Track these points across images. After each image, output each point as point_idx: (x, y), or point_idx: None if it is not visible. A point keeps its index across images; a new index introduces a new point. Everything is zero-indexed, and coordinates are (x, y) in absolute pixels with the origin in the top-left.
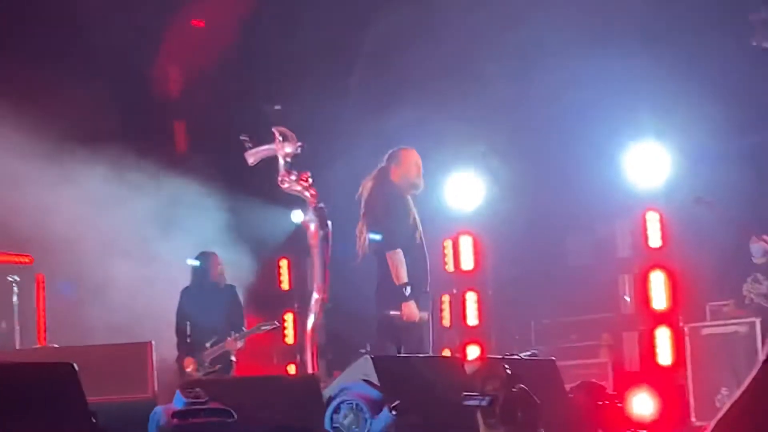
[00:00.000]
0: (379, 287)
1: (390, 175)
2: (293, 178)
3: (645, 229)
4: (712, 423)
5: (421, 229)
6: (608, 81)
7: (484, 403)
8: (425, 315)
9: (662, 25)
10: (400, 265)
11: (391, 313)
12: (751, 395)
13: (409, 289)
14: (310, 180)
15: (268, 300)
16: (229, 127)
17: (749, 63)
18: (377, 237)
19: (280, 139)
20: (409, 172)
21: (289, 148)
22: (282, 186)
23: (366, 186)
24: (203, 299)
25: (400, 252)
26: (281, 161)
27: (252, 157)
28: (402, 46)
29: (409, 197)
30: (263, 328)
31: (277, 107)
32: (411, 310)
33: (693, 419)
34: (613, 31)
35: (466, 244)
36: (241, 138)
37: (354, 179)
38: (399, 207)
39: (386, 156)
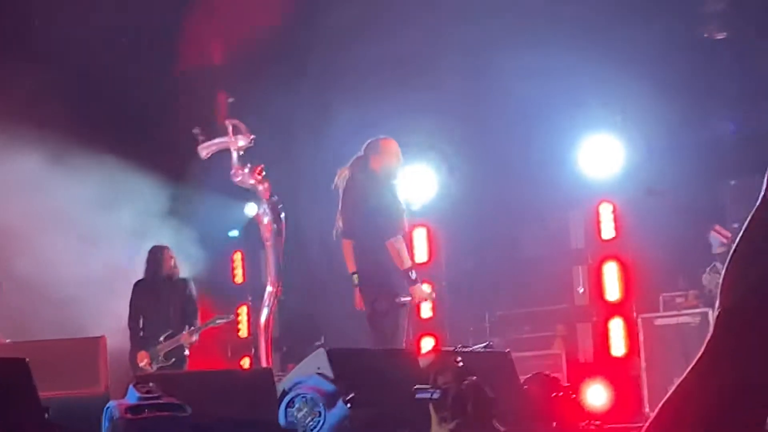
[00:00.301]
0: (373, 277)
1: (370, 164)
2: (246, 171)
3: (598, 220)
4: (657, 408)
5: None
6: (561, 73)
7: (435, 396)
8: (433, 292)
9: (614, 17)
10: (402, 251)
11: (402, 299)
12: (697, 376)
13: (414, 273)
14: (264, 173)
15: (222, 293)
16: (181, 120)
17: (701, 54)
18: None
19: (233, 132)
20: (390, 161)
21: (242, 142)
22: (235, 179)
23: (342, 175)
24: (156, 293)
25: (400, 238)
26: (234, 154)
27: (204, 150)
28: (356, 40)
29: (395, 185)
30: (218, 321)
31: (231, 100)
32: (421, 291)
33: (646, 410)
34: (565, 24)
35: (420, 236)
36: (193, 131)
37: (308, 172)
38: (389, 195)
39: (365, 145)
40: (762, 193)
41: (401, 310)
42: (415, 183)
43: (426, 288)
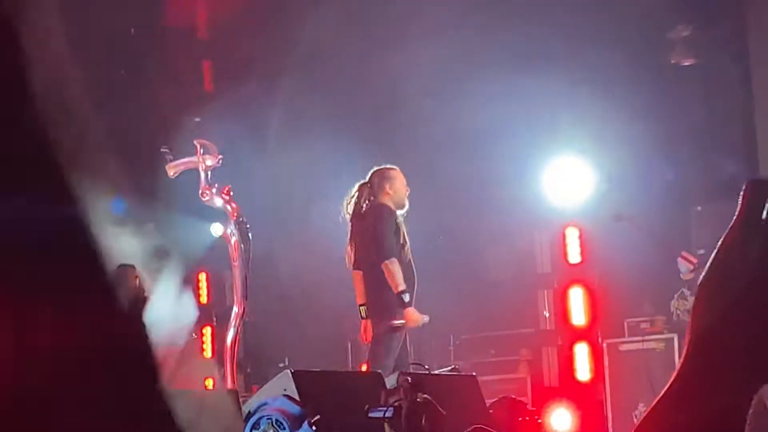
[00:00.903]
0: (373, 303)
1: (379, 192)
2: (214, 191)
3: (565, 244)
4: None
5: (409, 247)
6: (529, 97)
7: (387, 414)
8: (426, 318)
9: (583, 42)
10: (396, 273)
11: (395, 323)
12: (668, 403)
13: (407, 295)
14: (232, 193)
15: None
16: (149, 139)
17: (668, 81)
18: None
19: (201, 151)
20: (399, 191)
21: (210, 161)
22: (203, 199)
23: (349, 203)
24: None
25: (395, 261)
26: (202, 174)
27: (172, 169)
28: (322, 59)
29: (399, 216)
30: None
31: (197, 119)
32: (414, 315)
33: None
34: (534, 48)
35: None
36: (162, 150)
37: (276, 193)
38: (389, 221)
39: (372, 174)
40: (734, 218)
41: (395, 333)
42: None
43: (418, 314)
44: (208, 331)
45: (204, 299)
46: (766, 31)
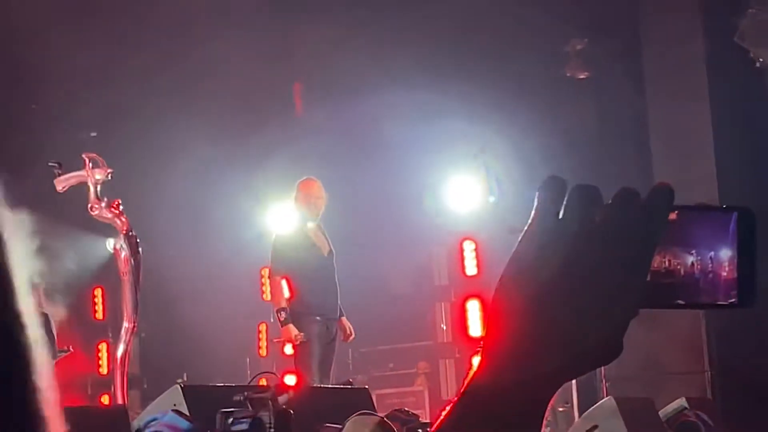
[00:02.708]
0: None
1: (294, 204)
2: (103, 205)
3: (462, 257)
4: None
5: (326, 255)
6: (426, 112)
7: (244, 426)
8: (300, 335)
9: (477, 55)
10: (277, 290)
11: (275, 340)
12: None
13: (282, 313)
14: (121, 207)
15: (82, 329)
16: (40, 153)
17: (562, 93)
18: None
19: (90, 165)
20: (305, 201)
21: (99, 175)
22: (92, 213)
23: None
24: None
25: (277, 278)
26: (91, 188)
27: (61, 184)
28: (218, 75)
29: (312, 226)
30: (58, 354)
31: (93, 134)
32: (288, 332)
33: None
34: (430, 63)
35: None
36: (50, 164)
37: (170, 206)
38: (277, 241)
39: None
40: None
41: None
42: (279, 218)
43: (293, 329)
44: (104, 347)
45: (100, 315)
46: (659, 45)
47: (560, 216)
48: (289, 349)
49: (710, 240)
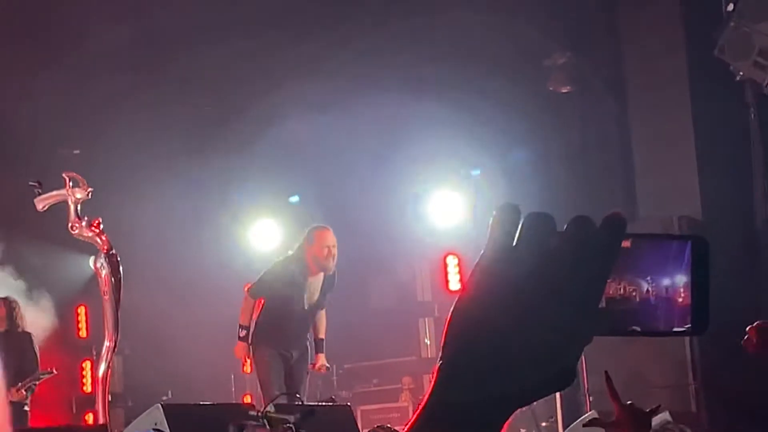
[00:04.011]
0: None
1: (304, 252)
2: (84, 224)
3: (445, 272)
4: None
5: (306, 306)
6: (410, 126)
7: None
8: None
9: (460, 69)
10: (244, 307)
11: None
12: None
13: (241, 330)
14: (102, 226)
15: (66, 348)
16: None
17: (545, 108)
18: None
19: (71, 184)
20: (319, 253)
21: (79, 194)
22: (72, 232)
23: None
24: None
25: (251, 301)
26: (72, 207)
27: (41, 203)
28: (200, 90)
29: (306, 277)
30: (41, 376)
31: (76, 152)
32: (239, 350)
33: None
34: (412, 78)
35: None
36: (30, 183)
37: (153, 226)
38: (283, 272)
39: (306, 230)
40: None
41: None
42: (263, 234)
43: (244, 349)
44: (87, 365)
45: (84, 333)
46: (641, 58)
47: (514, 244)
48: (247, 368)
49: (665, 268)
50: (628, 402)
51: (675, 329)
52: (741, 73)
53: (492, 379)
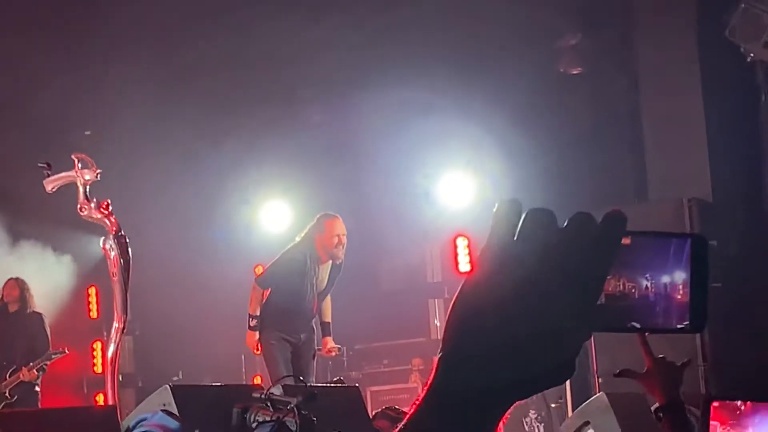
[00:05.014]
0: None
1: (314, 241)
2: (92, 205)
3: (455, 254)
4: None
5: (314, 294)
6: (419, 109)
7: (267, 429)
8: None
9: (470, 55)
10: (252, 297)
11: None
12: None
13: (252, 320)
14: (110, 208)
15: (77, 328)
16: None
17: (556, 89)
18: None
19: (79, 166)
20: (329, 241)
21: (88, 176)
22: (81, 213)
23: None
24: (4, 328)
25: (260, 290)
26: (80, 188)
27: (50, 184)
28: (210, 75)
29: (316, 265)
30: (53, 356)
31: (87, 133)
32: (249, 339)
33: None
34: (422, 60)
35: None
36: (39, 165)
37: (164, 207)
38: (283, 255)
39: (315, 218)
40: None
41: (271, 345)
42: (272, 218)
43: (252, 338)
44: (98, 346)
45: (94, 314)
46: (652, 39)
47: (515, 238)
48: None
49: (664, 265)
50: (660, 356)
51: (673, 326)
52: (752, 55)
53: (493, 370)
